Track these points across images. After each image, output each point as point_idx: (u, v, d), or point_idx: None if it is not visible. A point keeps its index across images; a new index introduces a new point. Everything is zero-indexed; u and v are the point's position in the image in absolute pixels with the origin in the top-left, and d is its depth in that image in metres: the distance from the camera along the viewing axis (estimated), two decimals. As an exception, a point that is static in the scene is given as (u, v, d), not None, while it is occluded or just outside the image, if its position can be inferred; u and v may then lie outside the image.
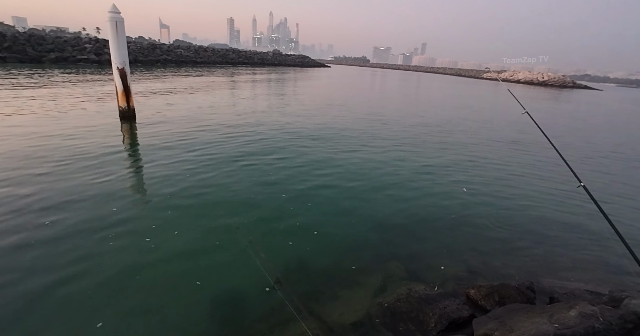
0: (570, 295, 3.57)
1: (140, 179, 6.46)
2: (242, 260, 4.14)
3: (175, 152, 7.98)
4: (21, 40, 33.93)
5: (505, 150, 11.16)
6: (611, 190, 7.93)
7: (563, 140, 13.62)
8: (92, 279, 3.58)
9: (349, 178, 7.18)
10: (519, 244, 5.03)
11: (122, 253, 4.06)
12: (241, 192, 6.06)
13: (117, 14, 9.81)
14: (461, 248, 4.75)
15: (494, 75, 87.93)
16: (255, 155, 8.21)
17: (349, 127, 12.62)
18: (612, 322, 2.36)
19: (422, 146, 10.65)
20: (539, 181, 8.13)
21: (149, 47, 48.42)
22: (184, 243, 4.37)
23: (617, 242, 2.49)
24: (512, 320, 2.77)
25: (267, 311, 3.33)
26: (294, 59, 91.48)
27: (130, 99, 10.68)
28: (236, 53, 69.75)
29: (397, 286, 3.76)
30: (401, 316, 3.28)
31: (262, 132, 10.66)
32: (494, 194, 6.98)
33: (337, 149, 9.36)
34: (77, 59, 35.06)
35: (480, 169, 8.68)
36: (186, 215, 5.07)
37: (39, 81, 18.68)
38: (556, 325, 2.44)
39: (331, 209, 5.69)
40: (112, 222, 4.71)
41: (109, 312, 3.18)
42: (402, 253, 4.53)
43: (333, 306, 3.44)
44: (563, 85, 79.51)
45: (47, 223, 4.55)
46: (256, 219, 5.14)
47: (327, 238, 4.77)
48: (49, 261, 3.81)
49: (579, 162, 10.20)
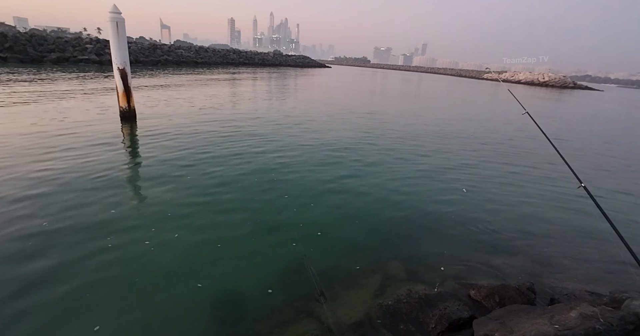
0: (570, 296, 3.57)
1: (141, 180, 6.46)
2: (242, 261, 4.14)
3: (175, 152, 7.98)
4: (22, 40, 34.03)
5: (506, 150, 11.15)
6: (612, 190, 7.92)
7: (563, 140, 13.62)
8: (90, 281, 3.55)
9: (349, 178, 7.17)
10: (519, 245, 5.02)
11: (121, 255, 4.03)
12: (242, 192, 6.06)
13: (118, 14, 9.83)
14: (461, 249, 4.74)
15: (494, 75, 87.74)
16: (256, 156, 8.21)
17: (348, 127, 12.62)
18: (613, 323, 2.35)
19: (422, 146, 10.64)
20: (539, 181, 8.12)
21: (150, 48, 48.49)
22: (184, 245, 4.35)
23: (618, 243, 2.49)
24: (513, 321, 2.76)
25: (267, 312, 3.32)
26: (295, 59, 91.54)
27: (131, 99, 10.70)
28: (237, 53, 69.83)
29: (397, 287, 3.75)
30: (401, 317, 3.28)
31: (263, 132, 10.67)
32: (494, 194, 6.97)
33: (337, 149, 9.35)
34: (78, 59, 35.14)
35: (480, 170, 8.67)
36: (186, 217, 5.05)
37: (39, 81, 18.70)
38: (557, 326, 2.43)
39: (331, 210, 5.67)
40: (111, 223, 4.69)
41: (107, 315, 3.15)
42: (402, 253, 4.52)
43: (333, 307, 3.43)
44: (564, 85, 79.42)
45: (45, 224, 4.53)
46: (258, 220, 5.13)
47: (327, 239, 4.76)
48: (46, 263, 3.77)
49: (579, 162, 10.19)
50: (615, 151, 12.78)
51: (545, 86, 77.23)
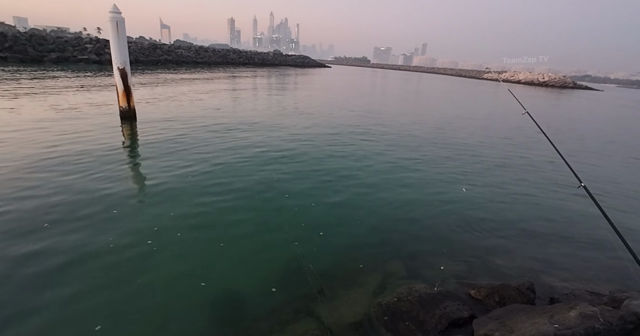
0: (570, 296, 3.57)
1: (141, 180, 6.45)
2: (243, 260, 4.14)
3: (176, 152, 7.98)
4: (22, 40, 34.04)
5: (505, 150, 11.15)
6: (612, 189, 7.92)
7: (563, 140, 13.63)
8: (91, 281, 3.55)
9: (348, 177, 7.18)
10: (519, 244, 5.02)
11: (123, 255, 4.02)
12: (243, 192, 6.05)
13: (117, 14, 9.83)
14: (461, 248, 4.75)
15: (494, 75, 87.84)
16: (257, 155, 8.21)
17: (348, 127, 12.61)
18: (613, 323, 2.36)
19: (421, 145, 10.64)
20: (539, 181, 8.12)
21: (150, 47, 48.49)
22: (186, 245, 4.34)
23: (618, 243, 2.49)
24: (513, 321, 2.76)
25: (267, 311, 3.33)
26: (295, 59, 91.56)
27: (131, 99, 10.69)
28: (237, 53, 69.81)
29: (397, 286, 3.75)
30: (401, 316, 3.28)
31: (264, 132, 10.67)
32: (494, 194, 6.98)
33: (336, 148, 9.36)
34: (78, 59, 35.13)
35: (480, 169, 8.67)
36: (188, 216, 5.05)
37: (39, 81, 18.69)
38: (556, 325, 2.44)
39: (331, 209, 5.68)
40: (112, 223, 4.68)
41: (108, 315, 3.14)
42: (402, 252, 4.53)
43: (333, 306, 3.44)
44: (564, 85, 79.43)
45: (46, 225, 4.51)
46: (258, 219, 5.13)
47: (327, 238, 4.77)
48: (47, 264, 3.77)
49: (579, 162, 10.19)
50: (614, 151, 12.78)
51: (545, 86, 77.21)
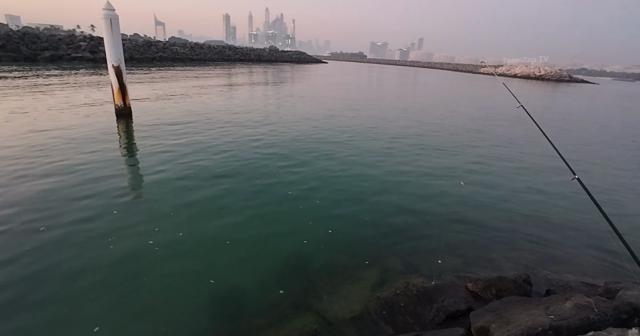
0: (566, 287, 3.61)
1: (140, 179, 6.43)
2: (243, 257, 4.16)
3: (172, 149, 7.95)
4: (15, 38, 33.65)
5: (501, 143, 11.19)
6: (605, 181, 7.98)
7: (557, 133, 13.68)
8: (92, 281, 3.55)
9: (347, 174, 7.19)
10: (515, 237, 5.07)
11: (123, 255, 4.01)
12: (244, 191, 6.03)
13: (111, 11, 9.72)
14: (458, 242, 4.78)
15: (490, 69, 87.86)
16: (257, 153, 8.20)
17: (346, 125, 12.61)
18: (607, 313, 2.39)
19: (419, 141, 10.66)
20: (534, 174, 8.17)
21: (145, 45, 48.09)
22: (188, 243, 4.34)
23: (611, 234, 2.52)
24: (509, 312, 2.79)
25: (266, 307, 3.35)
26: (291, 55, 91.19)
27: (126, 97, 10.63)
28: (232, 50, 69.38)
29: (395, 281, 3.79)
30: (399, 310, 3.31)
31: (263, 129, 10.64)
32: (490, 188, 7.01)
33: (335, 147, 9.36)
34: (72, 57, 34.80)
35: (477, 164, 8.70)
36: (188, 215, 5.04)
37: (33, 79, 18.51)
38: (552, 316, 2.47)
39: (330, 205, 5.69)
40: (113, 223, 4.66)
41: (107, 316, 3.14)
42: (400, 247, 4.56)
43: (332, 300, 3.46)
44: (560, 79, 79.57)
45: (42, 229, 4.42)
46: (258, 216, 5.14)
47: (326, 233, 4.79)
48: (46, 264, 3.76)
49: (573, 154, 10.24)
50: (609, 143, 12.84)
51: (541, 80, 77.32)
